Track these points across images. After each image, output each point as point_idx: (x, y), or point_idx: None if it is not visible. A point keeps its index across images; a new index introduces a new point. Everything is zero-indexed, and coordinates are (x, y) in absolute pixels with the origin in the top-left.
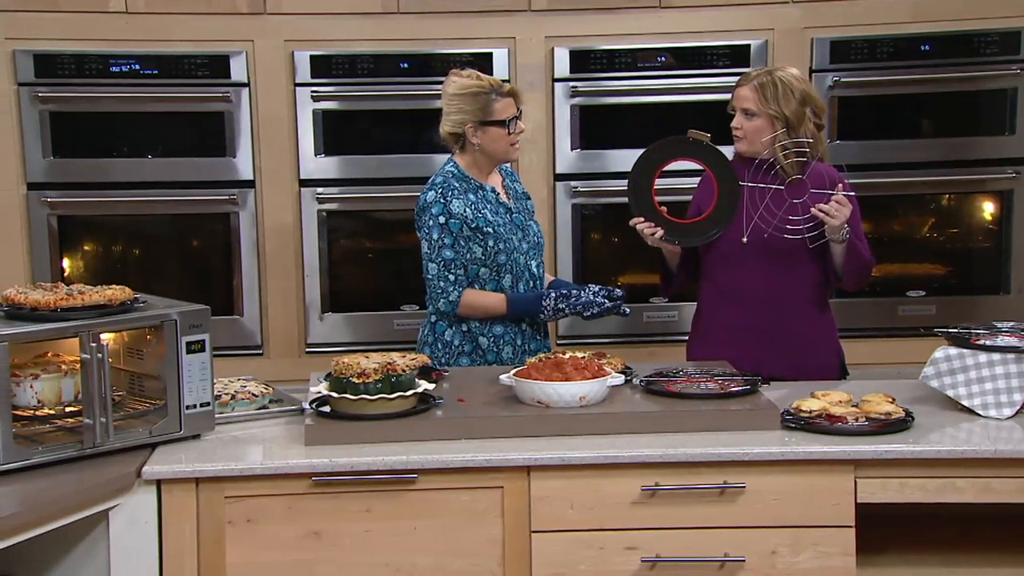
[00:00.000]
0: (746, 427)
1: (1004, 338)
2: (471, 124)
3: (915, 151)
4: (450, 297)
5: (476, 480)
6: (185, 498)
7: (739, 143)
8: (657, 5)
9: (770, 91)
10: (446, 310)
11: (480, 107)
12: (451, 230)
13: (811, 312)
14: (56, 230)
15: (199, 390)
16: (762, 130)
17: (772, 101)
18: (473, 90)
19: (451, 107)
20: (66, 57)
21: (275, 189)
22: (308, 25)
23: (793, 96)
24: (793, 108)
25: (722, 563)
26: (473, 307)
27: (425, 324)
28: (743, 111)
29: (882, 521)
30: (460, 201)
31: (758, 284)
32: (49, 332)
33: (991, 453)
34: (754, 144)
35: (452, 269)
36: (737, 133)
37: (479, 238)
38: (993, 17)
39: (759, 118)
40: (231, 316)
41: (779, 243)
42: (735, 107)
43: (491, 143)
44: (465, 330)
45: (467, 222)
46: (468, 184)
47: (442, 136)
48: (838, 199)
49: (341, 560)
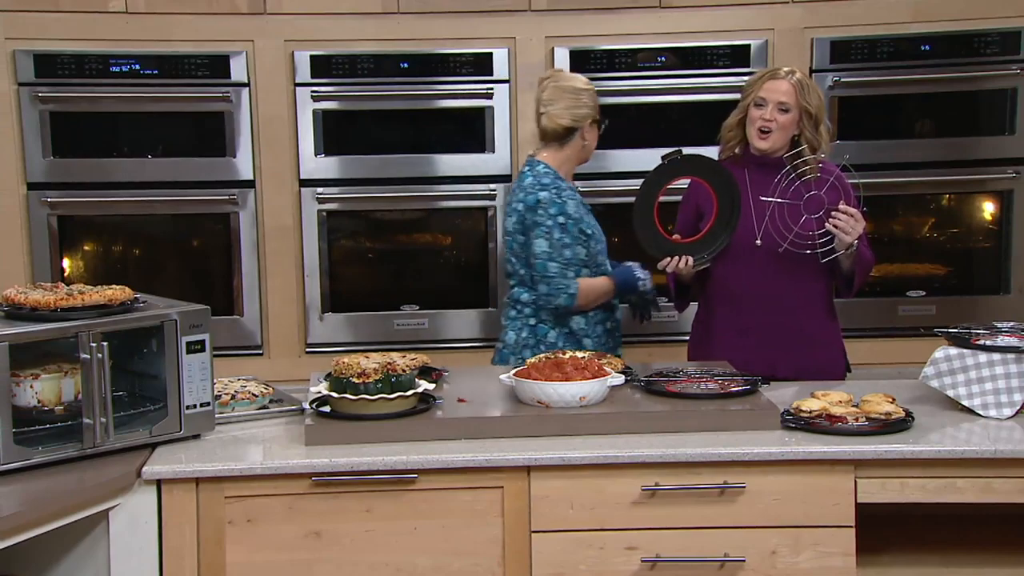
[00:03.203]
0: (746, 427)
1: (1004, 338)
2: (590, 121)
3: (915, 151)
4: (570, 291)
5: (476, 480)
6: (185, 498)
7: (765, 140)
8: (657, 5)
9: (805, 86)
10: (567, 304)
11: (597, 106)
12: (568, 230)
13: (818, 312)
14: (56, 230)
15: (199, 390)
16: (792, 125)
17: (804, 96)
18: (593, 88)
19: (576, 101)
20: (66, 57)
21: (275, 189)
22: (308, 25)
23: (816, 92)
24: (817, 104)
25: (722, 563)
26: (587, 294)
27: (516, 327)
28: (778, 104)
29: (882, 521)
30: (574, 203)
31: (766, 285)
32: (49, 332)
33: (991, 453)
34: (779, 141)
35: (571, 266)
36: (769, 126)
37: (583, 240)
38: (993, 17)
39: (793, 112)
40: (231, 316)
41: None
42: (766, 99)
43: (592, 143)
44: (568, 332)
45: (578, 224)
46: (564, 184)
47: (547, 128)
48: (851, 212)
49: (341, 560)
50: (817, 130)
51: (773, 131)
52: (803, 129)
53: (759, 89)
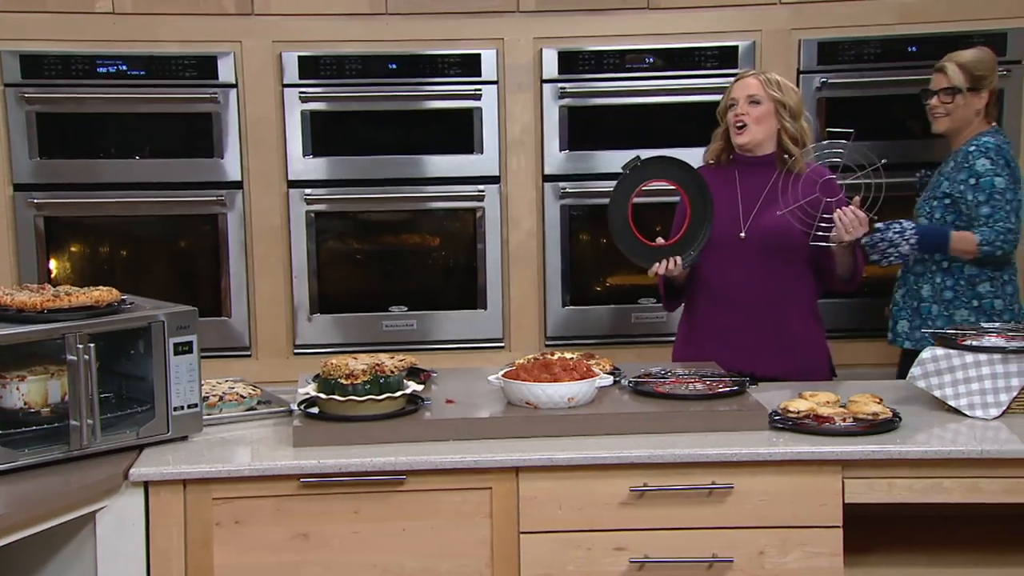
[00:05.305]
0: (734, 428)
1: (990, 339)
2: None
3: (903, 151)
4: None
5: (465, 481)
6: (172, 500)
7: (742, 134)
8: (645, 6)
9: (773, 81)
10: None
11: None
12: None
13: (802, 312)
14: (43, 231)
15: (187, 392)
16: (767, 116)
17: (773, 88)
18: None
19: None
20: (53, 58)
21: (263, 190)
22: (296, 26)
23: (792, 90)
24: (795, 100)
25: (710, 563)
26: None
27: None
28: (748, 98)
29: (870, 521)
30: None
31: (751, 285)
32: (36, 334)
33: (978, 453)
34: (757, 134)
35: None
36: (743, 119)
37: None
38: (978, 19)
39: (763, 104)
40: (219, 317)
41: (773, 240)
42: (736, 97)
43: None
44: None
45: None
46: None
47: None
48: (860, 216)
49: (329, 561)
50: (797, 122)
51: (748, 124)
52: (782, 122)
53: (730, 92)
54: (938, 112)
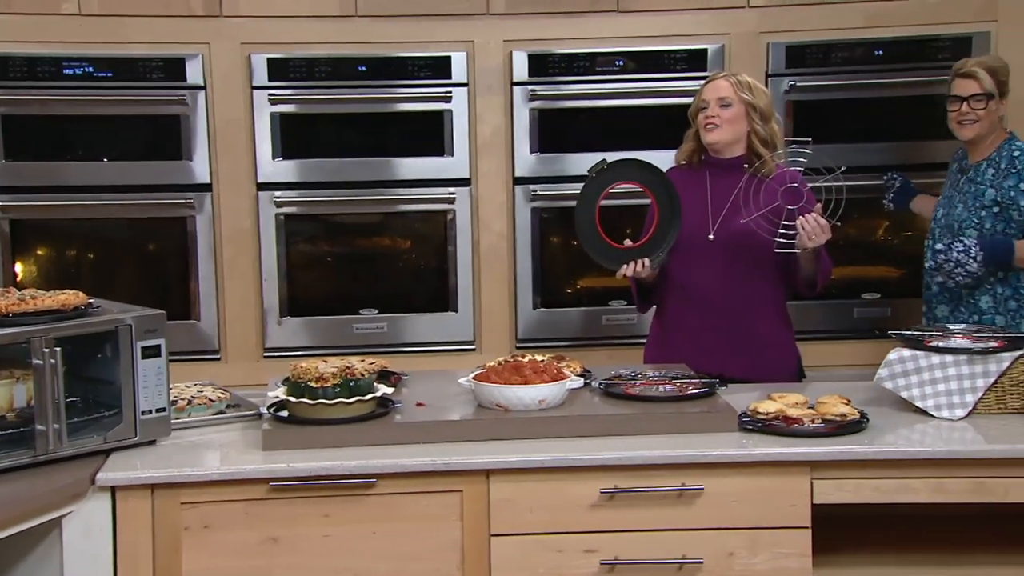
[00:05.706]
0: (704, 429)
1: (956, 340)
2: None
3: (870, 154)
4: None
5: (435, 484)
6: (140, 505)
7: (712, 133)
8: (615, 9)
9: (744, 83)
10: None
11: None
12: None
13: (771, 313)
14: (8, 234)
15: (155, 395)
16: (738, 119)
17: (743, 90)
18: None
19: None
20: (18, 59)
21: (232, 193)
22: (265, 28)
23: (763, 93)
24: (766, 103)
25: (680, 564)
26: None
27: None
28: (718, 100)
29: (838, 522)
30: None
31: (720, 287)
32: (0, 338)
33: (944, 454)
34: (727, 134)
35: None
36: (714, 121)
37: None
38: (944, 23)
39: (734, 107)
40: (188, 320)
41: (742, 242)
42: (707, 99)
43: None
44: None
45: None
46: None
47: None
48: (823, 223)
49: (299, 566)
50: (768, 124)
51: (719, 125)
52: (752, 124)
53: (701, 94)
54: (969, 119)
